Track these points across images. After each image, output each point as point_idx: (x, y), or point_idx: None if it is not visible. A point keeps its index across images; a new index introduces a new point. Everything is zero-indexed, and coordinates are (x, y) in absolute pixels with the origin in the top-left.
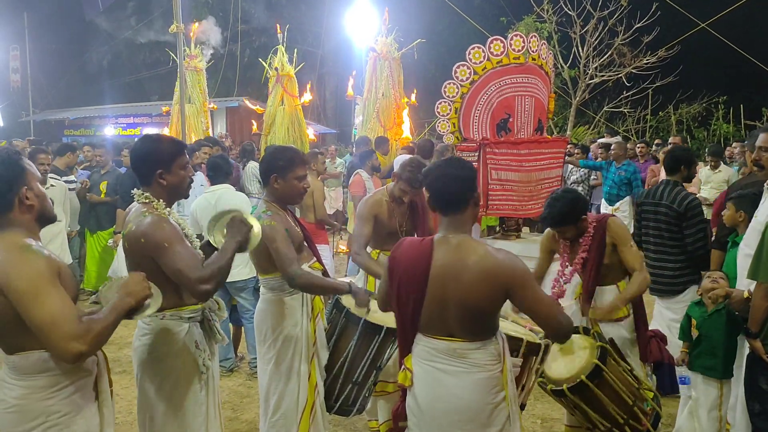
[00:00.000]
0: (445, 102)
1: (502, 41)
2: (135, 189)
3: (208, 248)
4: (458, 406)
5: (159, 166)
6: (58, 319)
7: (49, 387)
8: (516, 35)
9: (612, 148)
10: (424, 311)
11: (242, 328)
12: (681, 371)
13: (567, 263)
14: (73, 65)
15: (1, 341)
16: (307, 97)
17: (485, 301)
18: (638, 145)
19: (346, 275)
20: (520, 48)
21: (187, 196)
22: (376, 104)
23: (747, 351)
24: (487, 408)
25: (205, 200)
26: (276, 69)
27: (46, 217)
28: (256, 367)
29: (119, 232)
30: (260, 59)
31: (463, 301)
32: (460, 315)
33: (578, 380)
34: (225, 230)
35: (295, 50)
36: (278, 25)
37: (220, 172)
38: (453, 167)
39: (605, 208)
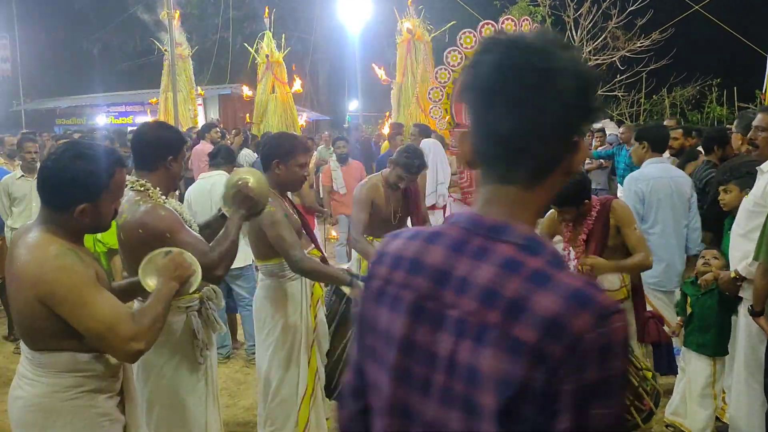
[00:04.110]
0: (437, 88)
1: (493, 26)
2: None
3: (207, 230)
4: None
5: (171, 153)
6: (113, 323)
7: (76, 387)
8: (507, 19)
9: (621, 131)
10: None
11: (236, 315)
12: (676, 342)
13: (569, 246)
14: (64, 54)
15: (30, 340)
16: (297, 86)
17: None
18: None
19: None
20: (511, 32)
21: (176, 188)
22: (415, 89)
23: (742, 331)
24: None
25: (200, 186)
26: (267, 56)
27: (97, 231)
28: (253, 354)
29: None
30: (246, 44)
31: None
32: None
33: None
34: (231, 200)
35: (283, 35)
36: (267, 9)
37: (217, 157)
38: None
39: (621, 192)
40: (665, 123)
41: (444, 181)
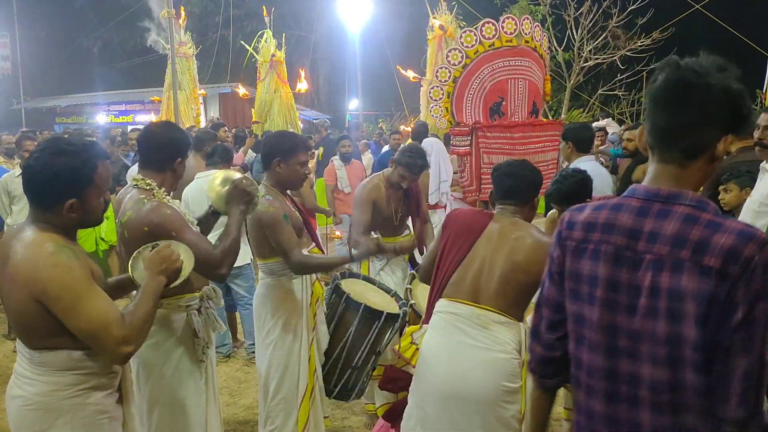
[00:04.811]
0: (437, 87)
1: (493, 24)
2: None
3: (200, 227)
4: (469, 386)
5: (180, 155)
6: (106, 324)
7: (76, 385)
8: (508, 18)
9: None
10: (459, 271)
11: (236, 314)
12: None
13: None
14: (64, 52)
15: (27, 339)
16: (303, 85)
17: (533, 270)
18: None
19: None
20: (512, 31)
21: (174, 189)
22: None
23: None
24: (499, 392)
25: (198, 185)
26: (272, 56)
27: (87, 226)
28: (252, 352)
29: None
30: (242, 42)
31: (510, 265)
32: (500, 279)
33: None
34: (225, 197)
35: (284, 35)
36: (264, 9)
37: (214, 156)
38: (526, 168)
39: None
40: None
41: (447, 180)
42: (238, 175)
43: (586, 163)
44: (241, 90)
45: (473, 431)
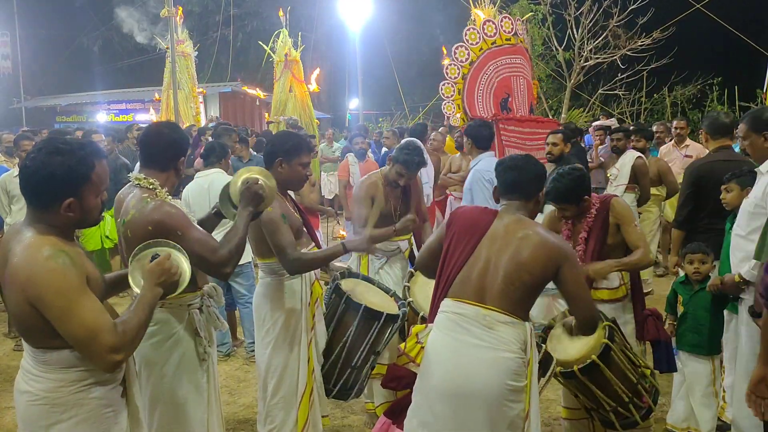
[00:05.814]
0: (448, 83)
1: (494, 23)
2: (134, 173)
3: (208, 223)
4: (474, 385)
5: (182, 154)
6: (95, 332)
7: (81, 381)
8: (505, 17)
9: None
10: (464, 270)
11: (236, 312)
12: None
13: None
14: (64, 51)
15: (29, 339)
16: (315, 85)
17: (537, 270)
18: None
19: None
20: (509, 30)
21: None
22: None
23: (744, 331)
24: (504, 392)
25: (197, 185)
26: (285, 55)
27: (85, 226)
28: (252, 351)
29: None
30: (260, 42)
31: (515, 265)
32: (504, 279)
33: (589, 360)
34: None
35: (299, 34)
36: (281, 10)
37: (212, 154)
38: (530, 162)
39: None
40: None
41: (428, 181)
42: (258, 177)
43: (486, 159)
44: (249, 90)
45: (477, 430)
